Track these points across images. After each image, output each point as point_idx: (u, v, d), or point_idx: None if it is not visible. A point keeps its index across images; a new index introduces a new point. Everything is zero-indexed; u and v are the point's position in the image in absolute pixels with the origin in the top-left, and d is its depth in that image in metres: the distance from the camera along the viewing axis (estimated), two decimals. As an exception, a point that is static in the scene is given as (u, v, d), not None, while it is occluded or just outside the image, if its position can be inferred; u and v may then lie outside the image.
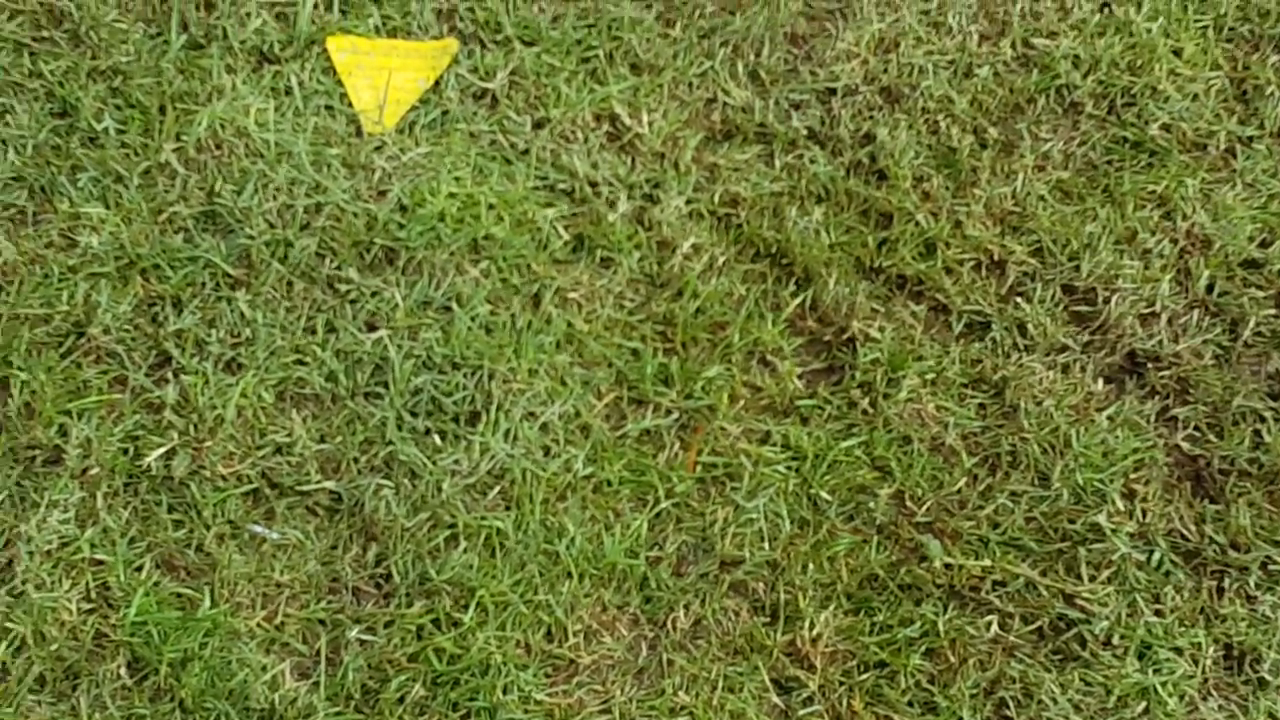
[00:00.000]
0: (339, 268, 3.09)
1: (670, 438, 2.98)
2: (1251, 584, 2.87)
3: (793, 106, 3.36)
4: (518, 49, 3.38)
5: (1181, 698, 2.77)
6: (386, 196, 3.17)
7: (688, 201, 3.22)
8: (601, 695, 2.75)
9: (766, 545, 2.88)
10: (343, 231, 3.12)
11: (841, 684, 2.77)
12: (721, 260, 3.16)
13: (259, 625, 2.77)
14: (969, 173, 3.27)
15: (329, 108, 3.29)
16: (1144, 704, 2.76)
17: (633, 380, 3.03)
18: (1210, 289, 3.16)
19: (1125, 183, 3.26)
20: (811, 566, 2.86)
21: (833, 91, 3.38)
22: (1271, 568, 2.88)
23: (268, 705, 2.70)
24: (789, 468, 2.96)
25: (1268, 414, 3.02)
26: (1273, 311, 3.14)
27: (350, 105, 3.29)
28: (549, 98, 3.33)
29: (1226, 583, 2.87)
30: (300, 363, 3.00)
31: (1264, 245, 3.20)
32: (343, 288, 3.07)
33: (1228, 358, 3.10)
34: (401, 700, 2.72)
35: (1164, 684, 2.77)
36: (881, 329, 3.09)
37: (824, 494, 2.93)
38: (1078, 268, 3.16)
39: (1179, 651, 2.81)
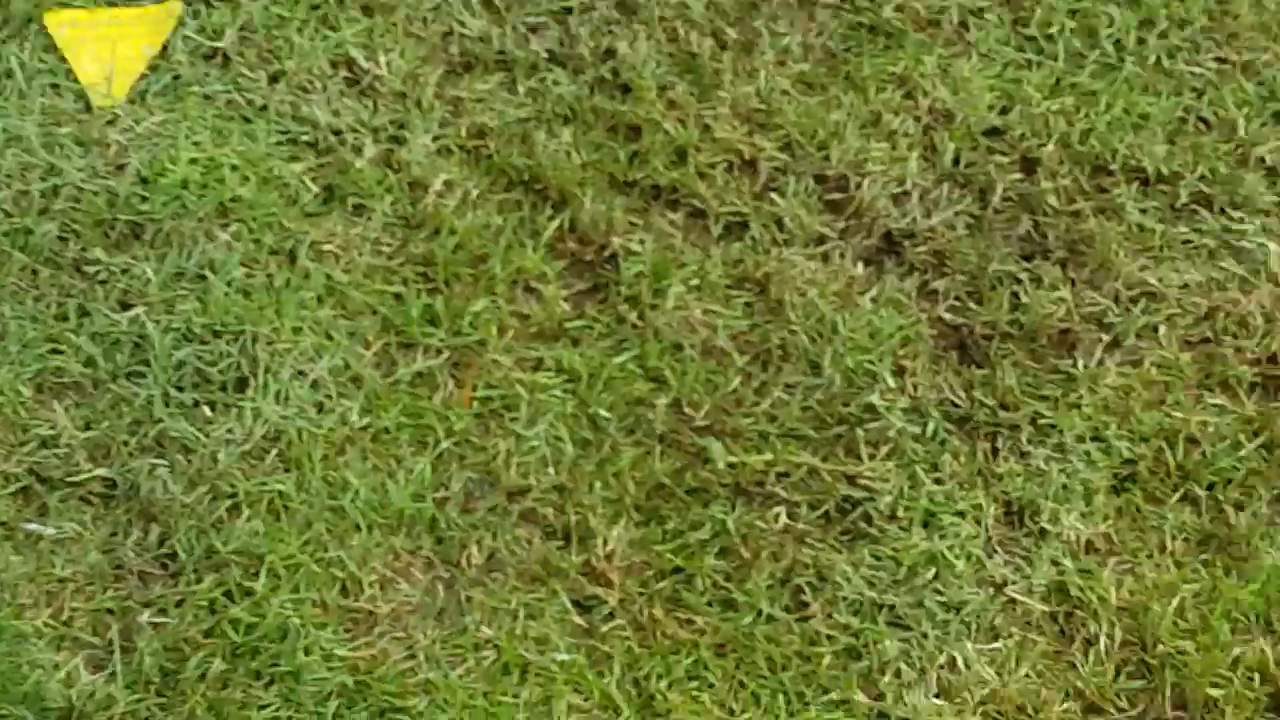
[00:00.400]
0: (84, 249, 3.03)
1: (443, 377, 2.96)
2: (1024, 440, 2.90)
3: (530, 30, 3.34)
4: (244, 4, 3.31)
5: (969, 559, 2.81)
6: (125, 170, 3.11)
7: (435, 138, 3.19)
8: (404, 642, 2.73)
9: (551, 470, 2.87)
10: (84, 212, 3.06)
11: (640, 594, 2.77)
12: (475, 193, 3.14)
13: (46, 624, 2.71)
14: (712, 76, 3.27)
15: (54, 86, 3.21)
16: (934, 570, 2.79)
17: (399, 325, 3.00)
18: (957, 161, 3.19)
19: (865, 67, 3.28)
20: (598, 485, 2.85)
21: (569, 10, 3.35)
22: (1041, 422, 2.92)
23: (65, 703, 2.64)
24: (565, 391, 2.95)
25: (1023, 276, 3.06)
26: (1018, 176, 3.17)
27: (76, 81, 3.22)
28: (282, 50, 3.28)
29: (1000, 443, 2.91)
30: (56, 352, 2.93)
31: (1003, 112, 3.23)
32: (91, 269, 3.01)
33: (980, 226, 3.12)
34: (202, 677, 2.67)
35: (950, 548, 2.81)
36: (642, 241, 3.09)
37: (603, 412, 2.93)
38: (827, 157, 3.18)
39: (961, 515, 2.85)
